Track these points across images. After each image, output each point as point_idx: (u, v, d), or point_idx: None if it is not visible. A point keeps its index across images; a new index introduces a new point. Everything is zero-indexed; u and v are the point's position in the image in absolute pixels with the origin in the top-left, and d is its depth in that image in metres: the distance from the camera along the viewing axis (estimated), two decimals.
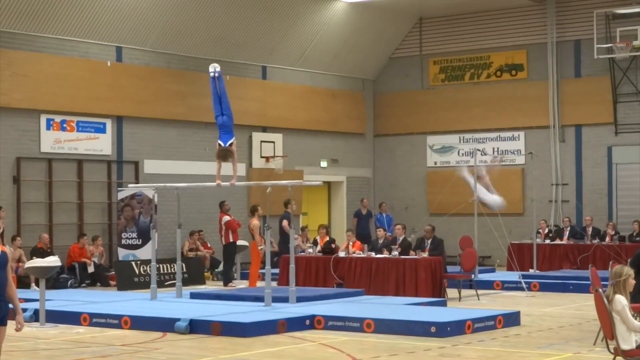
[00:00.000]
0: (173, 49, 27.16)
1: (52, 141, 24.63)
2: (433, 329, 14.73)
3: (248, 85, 29.10)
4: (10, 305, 9.28)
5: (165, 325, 15.60)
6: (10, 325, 9.15)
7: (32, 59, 24.12)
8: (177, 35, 26.88)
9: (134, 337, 15.02)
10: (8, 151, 23.79)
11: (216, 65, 18.28)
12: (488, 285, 22.75)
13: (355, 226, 28.88)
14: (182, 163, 27.16)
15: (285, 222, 24.51)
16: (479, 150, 25.91)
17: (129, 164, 26.34)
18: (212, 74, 18.18)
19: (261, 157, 29.11)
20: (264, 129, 29.48)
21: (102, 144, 25.71)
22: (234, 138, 17.60)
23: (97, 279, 24.23)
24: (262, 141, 29.18)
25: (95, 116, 25.50)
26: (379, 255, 21.12)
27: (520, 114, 30.53)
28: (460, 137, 31.66)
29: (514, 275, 23.47)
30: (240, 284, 23.76)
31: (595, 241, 26.02)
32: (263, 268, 19.06)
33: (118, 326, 16.11)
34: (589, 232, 26.74)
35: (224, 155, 17.55)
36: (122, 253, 25.32)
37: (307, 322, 15.81)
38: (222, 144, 17.46)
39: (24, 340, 14.47)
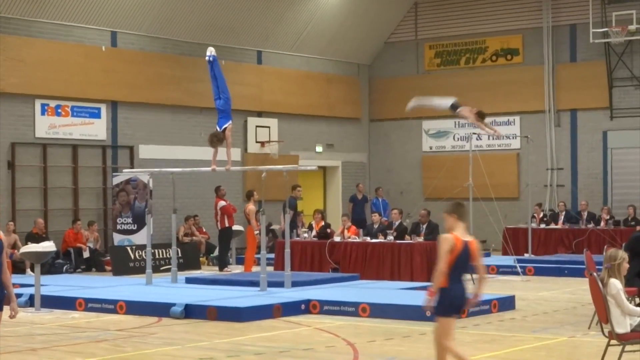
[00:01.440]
0: (168, 33, 27.11)
1: (46, 126, 24.60)
2: (428, 313, 14.72)
3: (243, 70, 29.06)
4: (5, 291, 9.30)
5: (160, 310, 15.61)
6: (5, 311, 9.16)
7: (27, 44, 24.07)
8: (172, 20, 26.83)
9: (130, 322, 15.04)
10: (3, 136, 23.76)
11: (211, 49, 18.26)
12: None
13: (351, 211, 28.88)
14: (177, 148, 27.13)
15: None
16: (474, 134, 25.91)
17: (124, 149, 26.32)
18: (207, 58, 18.16)
19: (256, 142, 29.09)
20: (259, 114, 29.46)
21: (97, 129, 25.68)
22: (229, 122, 17.59)
23: (93, 264, 24.24)
24: (257, 126, 29.17)
25: (90, 101, 25.48)
26: (374, 240, 21.15)
27: (516, 99, 30.53)
28: (455, 122, 31.62)
29: (509, 260, 23.49)
30: (235, 269, 23.77)
31: (590, 226, 26.07)
32: (259, 253, 19.09)
33: (113, 311, 16.13)
34: (584, 217, 26.78)
35: (211, 140, 17.55)
36: (117, 238, 25.33)
37: (303, 306, 15.83)
38: (218, 129, 17.48)
39: (20, 325, 14.48)
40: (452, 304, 9.37)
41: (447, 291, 9.28)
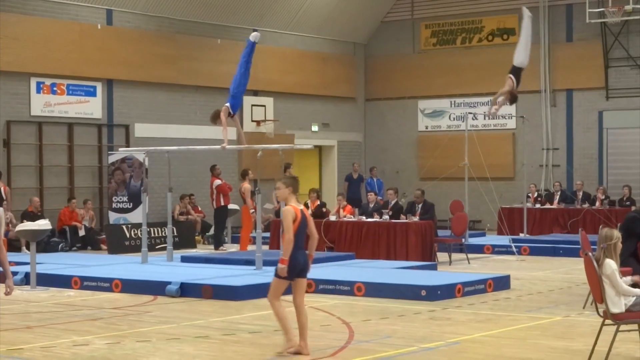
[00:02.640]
0: (164, 12, 27.04)
1: (42, 104, 24.57)
2: (423, 293, 14.78)
3: (239, 48, 28.71)
4: (0, 269, 9.31)
5: (156, 288, 15.62)
6: (0, 288, 9.17)
7: (22, 22, 24.00)
8: None
9: (125, 301, 15.05)
10: None
11: (257, 34, 17.97)
12: (478, 249, 22.81)
13: (346, 190, 28.90)
14: (172, 127, 27.11)
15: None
16: (470, 114, 25.91)
17: (119, 128, 26.29)
18: (252, 39, 17.84)
19: (252, 120, 29.04)
20: (255, 93, 29.42)
21: (92, 107, 25.64)
22: (226, 103, 17.55)
23: (88, 243, 24.24)
24: (253, 105, 29.11)
25: (86, 79, 25.43)
26: (369, 219, 21.16)
27: None
28: (451, 102, 31.65)
29: (504, 240, 23.53)
30: (231, 248, 23.80)
31: (586, 205, 26.09)
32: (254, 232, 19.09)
33: (109, 289, 16.13)
34: (579, 197, 26.81)
35: (212, 117, 17.59)
36: (112, 217, 25.33)
37: None
38: (232, 112, 17.46)
39: (15, 303, 14.49)
40: (294, 268, 10.37)
41: (291, 257, 10.28)
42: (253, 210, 21.77)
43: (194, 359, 10.45)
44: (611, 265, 9.81)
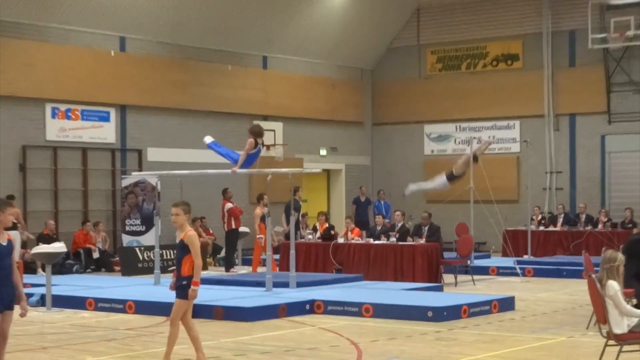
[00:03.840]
0: (175, 39, 27.16)
1: (57, 129, 24.66)
2: (430, 314, 14.79)
3: (249, 74, 29.12)
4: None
5: (168, 309, 15.48)
6: (15, 310, 9.22)
7: (37, 49, 24.13)
8: (179, 26, 26.88)
9: (138, 322, 15.08)
10: (14, 139, 23.82)
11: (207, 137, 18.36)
12: (483, 270, 22.80)
13: (354, 213, 28.93)
14: (184, 151, 27.17)
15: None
16: (475, 138, 25.95)
17: (132, 152, 26.38)
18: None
19: (262, 145, 29.03)
20: (265, 118, 29.49)
21: (106, 132, 25.74)
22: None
23: (102, 265, 24.29)
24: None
25: (100, 105, 25.53)
26: (377, 242, 21.17)
27: (516, 103, 30.56)
28: (456, 126, 31.69)
29: (509, 261, 23.53)
30: (241, 270, 23.81)
31: (588, 228, 26.07)
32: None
33: (122, 311, 16.18)
34: (582, 219, 26.78)
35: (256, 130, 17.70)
36: (126, 239, 25.37)
37: (307, 306, 15.87)
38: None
39: (31, 324, 14.54)
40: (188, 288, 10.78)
41: (189, 279, 10.73)
42: (261, 235, 21.72)
43: None
44: (614, 286, 9.84)
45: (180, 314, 10.87)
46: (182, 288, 10.71)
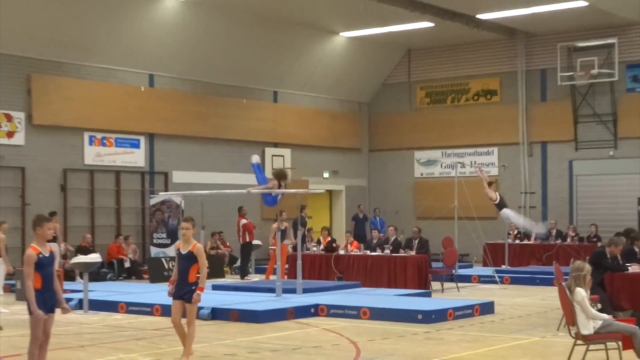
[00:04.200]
0: (198, 76, 27.20)
1: (94, 155, 24.68)
2: (420, 316, 14.74)
3: (261, 107, 29.14)
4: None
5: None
6: (57, 313, 9.21)
7: (77, 85, 24.18)
8: (201, 65, 26.92)
9: (164, 323, 15.00)
10: (56, 163, 23.85)
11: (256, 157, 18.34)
12: (467, 279, 22.74)
13: (353, 228, 28.88)
14: (205, 174, 27.19)
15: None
16: (459, 163, 25.96)
17: (159, 175, 26.37)
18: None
19: (272, 168, 29.09)
20: (275, 145, 29.52)
21: (136, 158, 25.74)
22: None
23: (132, 273, 24.25)
24: (273, 155, 29.22)
25: (131, 133, 25.55)
26: (373, 253, 21.12)
27: (494, 132, 30.54)
28: (442, 152, 31.67)
29: (489, 271, 23.46)
30: (254, 278, 23.75)
31: (558, 241, 26.00)
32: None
33: (150, 313, 16.13)
34: (553, 234, 26.71)
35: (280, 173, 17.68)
36: (153, 251, 25.34)
37: (312, 310, 15.83)
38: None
39: (70, 325, 14.51)
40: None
41: (196, 285, 10.68)
42: (273, 247, 21.69)
43: None
44: (581, 292, 9.81)
45: (195, 315, 10.87)
46: (192, 293, 10.70)
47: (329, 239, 22.71)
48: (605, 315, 10.05)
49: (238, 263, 25.42)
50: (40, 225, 9.19)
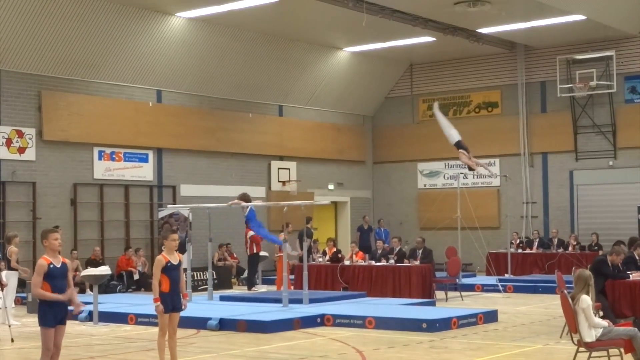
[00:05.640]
0: (204, 91, 27.22)
1: (103, 169, 24.67)
2: (424, 325, 14.69)
3: (267, 121, 29.14)
4: (71, 308, 9.36)
5: (199, 323, 15.56)
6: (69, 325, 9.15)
7: (86, 101, 24.20)
8: (207, 80, 26.94)
9: None
10: (66, 178, 23.84)
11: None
12: (470, 288, 22.67)
13: (358, 239, 28.81)
14: (212, 187, 27.17)
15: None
16: (461, 174, 25.90)
17: (167, 188, 26.35)
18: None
19: (278, 181, 29.11)
20: (281, 158, 29.51)
21: (145, 172, 25.74)
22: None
23: (142, 285, 24.19)
24: (279, 168, 29.21)
25: (139, 148, 25.54)
26: (378, 264, 21.08)
27: (496, 144, 30.49)
28: (445, 164, 31.62)
29: (492, 280, 23.39)
30: (261, 289, 23.70)
31: (560, 250, 25.93)
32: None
33: None
34: (555, 243, 26.65)
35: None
36: None
37: (318, 320, 15.78)
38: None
39: (80, 336, 14.47)
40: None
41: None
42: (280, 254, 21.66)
43: None
44: (587, 300, 9.77)
45: (174, 326, 11.36)
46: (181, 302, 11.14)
47: (335, 249, 22.65)
48: (605, 323, 9.99)
49: (245, 274, 25.38)
50: (46, 238, 9.32)
